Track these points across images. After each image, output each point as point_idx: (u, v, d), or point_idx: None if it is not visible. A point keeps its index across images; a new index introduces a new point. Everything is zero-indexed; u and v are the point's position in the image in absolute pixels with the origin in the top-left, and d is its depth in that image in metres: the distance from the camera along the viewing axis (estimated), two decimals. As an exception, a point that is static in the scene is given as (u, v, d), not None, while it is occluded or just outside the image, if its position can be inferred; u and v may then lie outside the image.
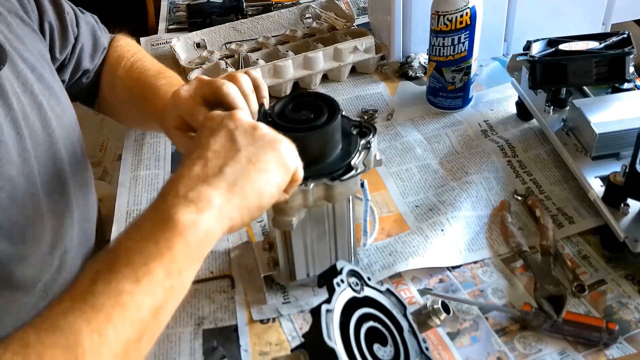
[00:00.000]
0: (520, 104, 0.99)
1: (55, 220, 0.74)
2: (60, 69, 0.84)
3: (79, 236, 0.81)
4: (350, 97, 1.09)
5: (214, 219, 0.47)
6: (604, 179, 0.75)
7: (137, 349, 0.44)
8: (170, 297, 0.46)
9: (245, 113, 0.56)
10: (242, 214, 0.50)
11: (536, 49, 0.89)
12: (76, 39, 0.84)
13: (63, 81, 0.85)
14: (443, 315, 0.57)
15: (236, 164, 0.50)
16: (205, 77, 0.70)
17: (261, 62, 1.10)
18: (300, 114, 0.63)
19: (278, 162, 0.52)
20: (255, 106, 0.69)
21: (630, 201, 0.72)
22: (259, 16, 1.27)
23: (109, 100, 0.92)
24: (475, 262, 0.76)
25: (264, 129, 0.53)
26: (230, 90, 0.66)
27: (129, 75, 0.88)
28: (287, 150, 0.53)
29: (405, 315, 0.56)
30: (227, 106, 0.66)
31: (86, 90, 0.91)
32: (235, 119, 0.53)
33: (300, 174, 0.56)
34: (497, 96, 1.06)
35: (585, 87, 0.91)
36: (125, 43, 0.94)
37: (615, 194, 0.72)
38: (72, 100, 0.85)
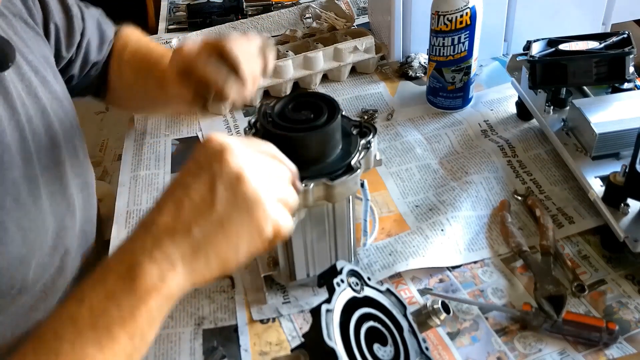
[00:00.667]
0: (520, 104, 0.99)
1: (56, 222, 0.74)
2: (68, 65, 0.84)
3: (80, 237, 0.81)
4: (350, 97, 1.09)
5: (175, 284, 0.46)
6: (604, 179, 0.75)
7: None
8: (134, 355, 0.45)
9: (237, 153, 0.48)
10: (204, 277, 0.48)
11: (536, 49, 0.89)
12: (82, 34, 0.84)
13: (72, 76, 0.85)
14: (443, 315, 0.57)
15: (206, 225, 0.46)
16: (211, 38, 0.69)
17: (261, 62, 1.09)
18: (300, 114, 0.63)
19: (252, 228, 0.47)
20: (256, 69, 0.68)
21: (630, 201, 0.72)
22: (259, 16, 1.27)
23: (117, 86, 0.91)
24: (475, 262, 0.76)
25: (249, 183, 0.47)
26: (233, 48, 0.65)
27: (134, 57, 0.88)
28: (265, 215, 0.48)
29: (405, 315, 0.56)
30: (229, 63, 0.66)
31: (96, 83, 0.91)
32: (224, 164, 0.47)
33: (285, 229, 0.50)
34: (497, 96, 1.06)
35: (585, 87, 0.91)
36: (131, 32, 0.94)
37: (615, 194, 0.72)
38: (82, 95, 0.85)
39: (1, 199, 0.64)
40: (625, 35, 0.85)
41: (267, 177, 0.49)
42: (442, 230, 0.79)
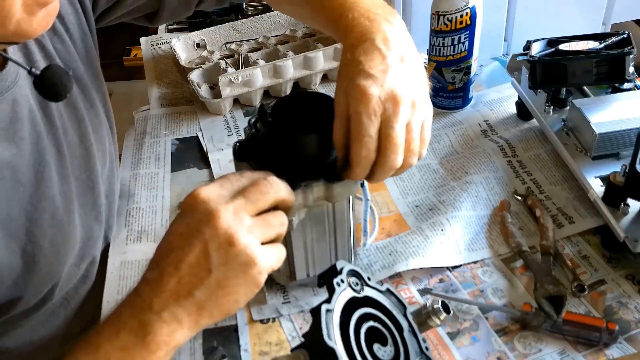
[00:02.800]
0: (520, 104, 0.99)
1: (85, 233, 0.75)
2: None
3: (103, 244, 0.81)
4: (350, 97, 1.09)
5: (182, 336, 0.50)
6: (604, 179, 0.75)
7: None
8: None
9: (224, 216, 0.49)
10: (207, 325, 0.51)
11: (536, 49, 0.89)
12: None
13: None
14: (443, 315, 0.57)
15: (206, 289, 0.49)
16: (360, 127, 0.57)
17: (261, 62, 1.10)
18: (300, 114, 0.63)
19: (248, 282, 0.50)
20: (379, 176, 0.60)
21: (630, 201, 0.72)
22: (259, 16, 1.27)
23: None
24: (475, 262, 0.76)
25: (240, 245, 0.49)
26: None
27: None
28: (260, 268, 0.50)
29: (405, 315, 0.56)
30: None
31: None
32: (213, 227, 0.49)
33: (279, 263, 0.53)
34: (497, 96, 1.06)
35: (585, 87, 0.91)
36: None
37: (615, 194, 0.72)
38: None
39: (39, 217, 0.65)
40: (625, 35, 0.85)
41: (258, 225, 0.51)
42: (442, 230, 0.79)
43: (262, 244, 0.51)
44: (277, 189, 0.53)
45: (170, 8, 0.88)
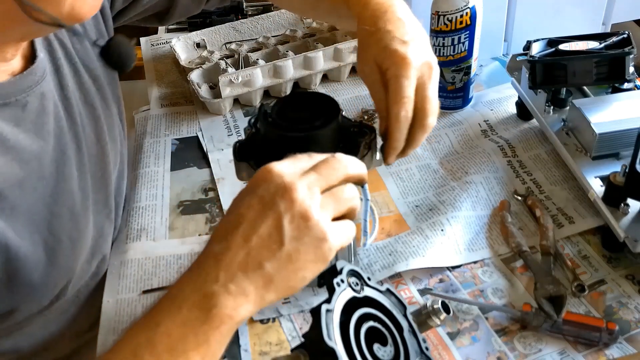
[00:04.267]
0: (520, 104, 0.99)
1: (96, 230, 0.75)
2: None
3: (110, 245, 0.82)
4: (350, 97, 1.09)
5: (247, 311, 0.49)
6: (604, 179, 0.75)
7: None
8: None
9: (301, 191, 0.49)
10: (271, 302, 0.50)
11: (536, 49, 0.89)
12: None
13: None
14: (443, 315, 0.57)
15: (277, 262, 0.48)
16: (400, 90, 0.61)
17: (261, 62, 1.10)
18: (300, 114, 0.63)
19: (317, 260, 0.50)
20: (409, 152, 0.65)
21: (630, 201, 0.72)
22: (259, 16, 1.27)
23: None
24: (475, 262, 0.76)
25: (315, 221, 0.48)
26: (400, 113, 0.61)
27: None
28: (330, 246, 0.50)
29: (405, 315, 0.56)
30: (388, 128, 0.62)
31: None
32: (288, 200, 0.48)
33: (349, 241, 0.53)
34: (497, 96, 1.06)
35: (585, 87, 0.91)
36: None
37: (615, 194, 0.72)
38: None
39: (59, 211, 0.66)
40: (625, 35, 0.85)
41: (329, 201, 0.51)
42: (442, 230, 0.79)
43: (333, 219, 0.50)
44: (346, 165, 0.53)
45: (182, 5, 0.89)
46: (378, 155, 0.68)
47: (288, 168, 0.51)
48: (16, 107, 0.60)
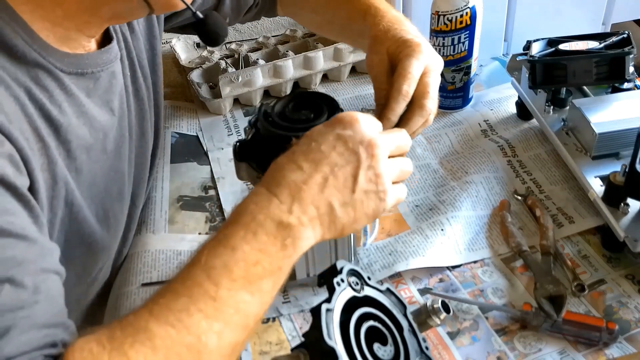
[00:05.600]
0: (520, 104, 0.99)
1: (129, 218, 0.78)
2: None
3: (131, 241, 0.82)
4: (350, 97, 1.09)
5: (310, 244, 0.51)
6: (604, 178, 0.75)
7: (239, 350, 0.49)
8: (269, 304, 0.50)
9: (383, 152, 0.54)
10: (326, 239, 0.53)
11: (536, 49, 0.89)
12: None
13: None
14: (443, 315, 0.57)
15: (344, 207, 0.52)
16: (409, 66, 0.65)
17: (261, 62, 1.10)
18: (300, 114, 0.63)
19: (372, 214, 0.54)
20: (413, 128, 0.66)
21: (630, 201, 0.72)
22: (259, 16, 1.27)
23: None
24: (475, 262, 0.76)
25: (385, 182, 0.53)
26: (400, 103, 0.64)
27: None
28: (386, 204, 0.54)
29: (405, 315, 0.56)
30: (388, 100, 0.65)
31: None
32: (370, 155, 0.53)
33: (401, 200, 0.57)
34: (497, 96, 1.06)
35: (585, 87, 0.91)
36: None
37: (615, 193, 0.72)
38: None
39: (111, 188, 0.69)
40: (625, 35, 0.85)
41: (396, 170, 0.56)
42: (442, 230, 0.79)
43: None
44: (409, 142, 0.58)
45: (224, 14, 0.91)
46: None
47: (371, 123, 0.55)
48: (90, 79, 0.63)
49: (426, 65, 0.66)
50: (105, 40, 0.67)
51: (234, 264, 0.47)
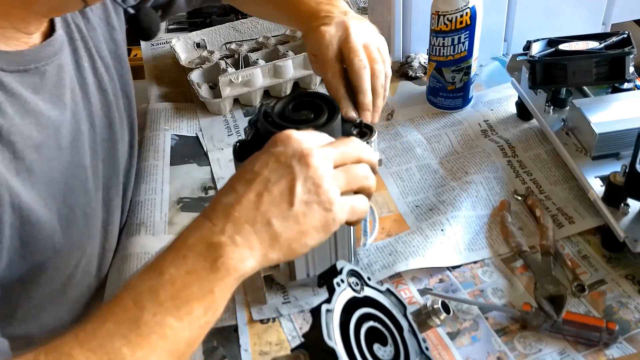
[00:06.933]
0: (520, 104, 0.99)
1: (106, 216, 0.77)
2: None
3: (116, 237, 0.82)
4: (350, 97, 1.09)
5: (250, 266, 0.49)
6: (604, 179, 0.75)
7: None
8: (206, 329, 0.49)
9: (319, 158, 0.51)
10: (272, 262, 0.51)
11: (536, 49, 0.89)
12: None
13: None
14: (443, 315, 0.57)
15: (284, 221, 0.50)
16: (352, 38, 0.70)
17: (261, 62, 1.10)
18: (300, 114, 0.63)
19: (322, 228, 0.51)
20: (379, 105, 0.71)
21: (630, 201, 0.72)
22: (259, 16, 1.27)
23: None
24: (475, 262, 0.76)
25: (326, 190, 0.51)
26: (360, 72, 0.69)
27: None
28: (336, 217, 0.52)
29: (405, 315, 0.56)
30: (352, 83, 0.70)
31: None
32: (305, 165, 0.51)
33: (360, 216, 0.55)
34: (497, 96, 1.06)
35: (585, 87, 0.91)
36: None
37: (615, 194, 0.72)
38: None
39: (73, 183, 0.67)
40: (625, 35, 0.85)
41: (340, 175, 0.53)
42: (442, 230, 0.79)
43: (343, 193, 0.52)
44: (360, 147, 0.56)
45: (179, 3, 0.92)
46: (378, 155, 0.68)
47: (307, 137, 0.53)
48: (35, 75, 0.62)
49: (342, 31, 0.70)
50: (53, 33, 0.66)
51: (161, 287, 0.46)
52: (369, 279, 0.56)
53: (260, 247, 0.49)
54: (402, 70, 1.13)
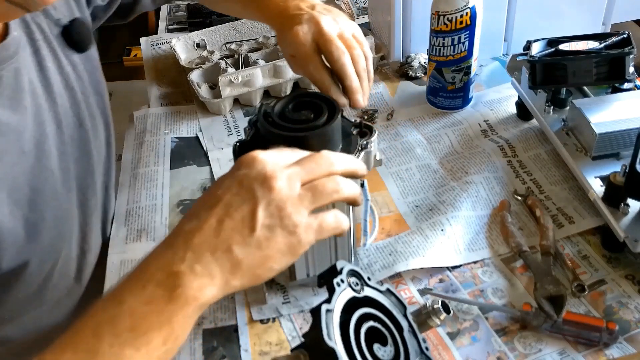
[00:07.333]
0: (520, 104, 0.99)
1: (83, 218, 0.76)
2: None
3: (100, 237, 0.81)
4: (350, 97, 1.09)
5: (212, 294, 0.48)
6: (604, 179, 0.75)
7: None
8: (167, 357, 0.47)
9: (282, 182, 0.49)
10: (236, 289, 0.50)
11: (536, 49, 0.89)
12: None
13: None
14: (443, 315, 0.57)
15: (246, 247, 0.48)
16: (325, 30, 0.71)
17: (261, 62, 1.10)
18: (300, 114, 0.63)
19: (287, 252, 0.50)
20: (366, 87, 0.72)
21: (630, 201, 0.72)
22: (259, 16, 1.27)
23: None
24: (475, 262, 0.76)
25: (290, 214, 0.49)
26: (341, 59, 0.69)
27: None
28: (301, 241, 0.50)
29: (405, 315, 0.56)
30: (335, 72, 0.70)
31: None
32: (267, 188, 0.49)
33: (335, 232, 0.53)
34: (497, 96, 1.06)
35: (585, 87, 0.91)
36: None
37: (615, 194, 0.72)
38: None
39: (42, 188, 0.66)
40: (625, 35, 0.85)
41: (307, 195, 0.51)
42: (442, 230, 0.79)
43: (315, 211, 0.51)
44: (331, 161, 0.53)
45: (144, 3, 0.92)
46: (378, 155, 0.68)
47: (272, 157, 0.51)
48: None
49: (314, 26, 0.71)
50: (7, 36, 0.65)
51: (119, 317, 0.46)
52: (369, 279, 0.56)
53: (221, 274, 0.48)
54: (402, 70, 1.13)
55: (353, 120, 0.69)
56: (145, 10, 0.97)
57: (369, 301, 0.54)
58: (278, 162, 0.51)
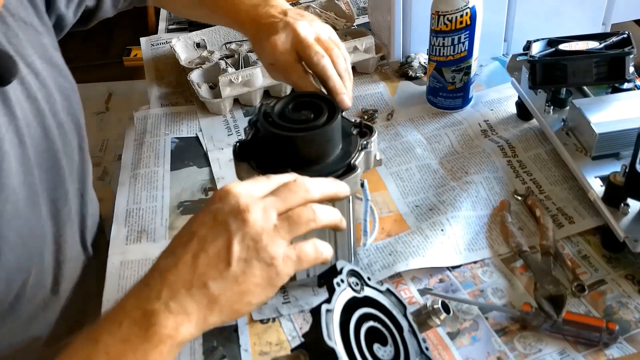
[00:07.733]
0: (520, 104, 0.99)
1: (56, 229, 0.74)
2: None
3: (79, 246, 0.81)
4: (350, 97, 1.09)
5: (189, 332, 0.47)
6: (604, 179, 0.75)
7: None
8: None
9: (255, 214, 0.49)
10: (215, 325, 0.49)
11: (536, 49, 0.89)
12: None
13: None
14: (443, 315, 0.57)
15: (222, 282, 0.47)
16: (303, 37, 0.71)
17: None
18: (300, 114, 0.63)
19: (265, 285, 0.49)
20: (349, 87, 0.71)
21: (630, 201, 0.72)
22: (259, 16, 1.27)
23: None
24: (475, 262, 0.76)
25: (266, 247, 0.48)
26: (321, 62, 0.69)
27: None
28: (280, 274, 0.49)
29: (405, 315, 0.56)
30: (317, 75, 0.70)
31: None
32: (241, 221, 0.48)
33: (319, 260, 0.52)
34: (497, 96, 1.06)
35: (585, 87, 0.91)
36: None
37: (615, 194, 0.72)
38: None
39: (1, 207, 0.64)
40: (625, 35, 0.85)
41: (284, 226, 0.50)
42: (442, 230, 0.79)
43: (293, 241, 0.50)
44: (307, 188, 0.52)
45: (106, 7, 0.90)
46: (378, 155, 0.68)
47: (246, 189, 0.50)
48: None
49: (291, 33, 0.71)
50: None
51: (95, 355, 0.45)
52: (369, 279, 0.56)
53: (198, 311, 0.47)
54: (402, 70, 1.13)
55: (353, 120, 0.69)
56: (106, 16, 0.93)
57: (369, 301, 0.54)
58: (252, 193, 0.50)
